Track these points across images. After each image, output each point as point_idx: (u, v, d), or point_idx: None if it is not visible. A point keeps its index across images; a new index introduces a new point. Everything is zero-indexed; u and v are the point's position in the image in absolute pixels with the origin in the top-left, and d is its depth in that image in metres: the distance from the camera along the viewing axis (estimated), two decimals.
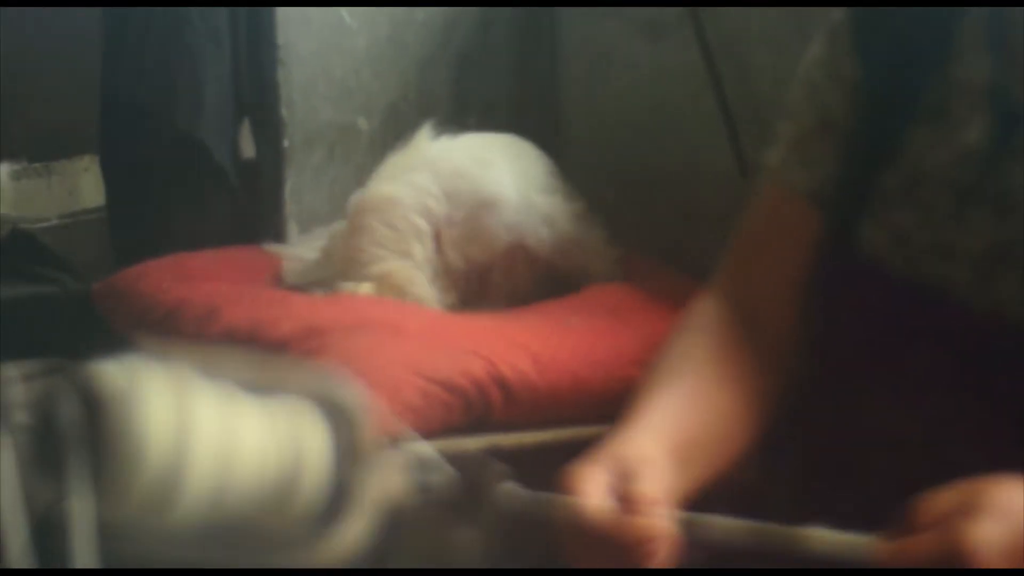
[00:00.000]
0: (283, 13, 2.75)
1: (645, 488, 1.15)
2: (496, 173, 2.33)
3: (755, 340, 1.38)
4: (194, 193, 2.80)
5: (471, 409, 2.00)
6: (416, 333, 2.11)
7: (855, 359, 1.35)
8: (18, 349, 2.44)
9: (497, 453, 1.30)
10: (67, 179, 3.72)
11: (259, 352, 2.12)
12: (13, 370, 1.09)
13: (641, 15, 2.75)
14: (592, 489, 1.15)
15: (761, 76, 2.51)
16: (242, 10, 2.76)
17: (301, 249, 2.58)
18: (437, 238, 2.30)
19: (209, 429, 1.07)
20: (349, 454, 1.15)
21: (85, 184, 3.66)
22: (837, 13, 1.40)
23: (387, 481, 1.17)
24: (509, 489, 1.19)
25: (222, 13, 2.74)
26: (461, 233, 2.30)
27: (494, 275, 2.33)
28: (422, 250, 2.28)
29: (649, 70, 2.77)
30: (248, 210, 2.83)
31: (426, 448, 1.38)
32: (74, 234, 3.24)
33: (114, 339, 2.50)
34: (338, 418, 1.15)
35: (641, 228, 2.60)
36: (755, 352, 1.37)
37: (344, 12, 2.80)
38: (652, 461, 1.19)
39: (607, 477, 1.17)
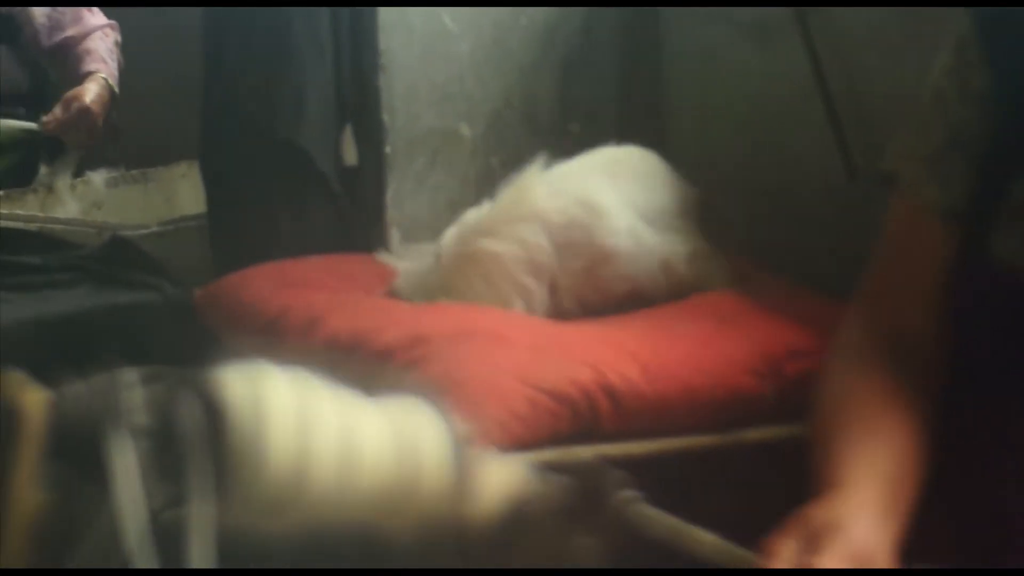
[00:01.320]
0: (385, 18, 2.74)
1: (824, 561, 1.16)
2: (610, 222, 2.27)
3: (907, 367, 1.37)
4: (295, 200, 2.80)
5: (579, 418, 1.97)
6: (522, 341, 2.08)
7: (992, 373, 1.33)
8: (118, 354, 2.45)
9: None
10: (164, 186, 3.76)
11: (363, 360, 2.12)
12: (133, 374, 1.10)
13: (747, 18, 2.72)
14: (778, 559, 1.17)
15: (869, 79, 2.47)
16: (344, 16, 2.75)
17: (410, 259, 2.55)
18: (552, 287, 2.26)
19: (330, 432, 1.08)
20: (468, 451, 1.15)
21: (182, 191, 3.69)
22: (964, 26, 1.38)
23: (507, 479, 1.17)
24: (637, 505, 1.19)
25: (324, 19, 2.74)
26: (576, 283, 2.27)
27: (608, 315, 2.30)
28: (524, 307, 2.25)
29: (756, 74, 2.73)
30: (350, 217, 2.82)
31: (540, 456, 1.38)
32: (172, 241, 3.26)
33: (215, 345, 2.51)
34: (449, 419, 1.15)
35: (748, 233, 2.57)
36: (908, 379, 1.36)
37: (447, 17, 2.79)
38: (839, 526, 1.19)
39: (794, 545, 1.18)
